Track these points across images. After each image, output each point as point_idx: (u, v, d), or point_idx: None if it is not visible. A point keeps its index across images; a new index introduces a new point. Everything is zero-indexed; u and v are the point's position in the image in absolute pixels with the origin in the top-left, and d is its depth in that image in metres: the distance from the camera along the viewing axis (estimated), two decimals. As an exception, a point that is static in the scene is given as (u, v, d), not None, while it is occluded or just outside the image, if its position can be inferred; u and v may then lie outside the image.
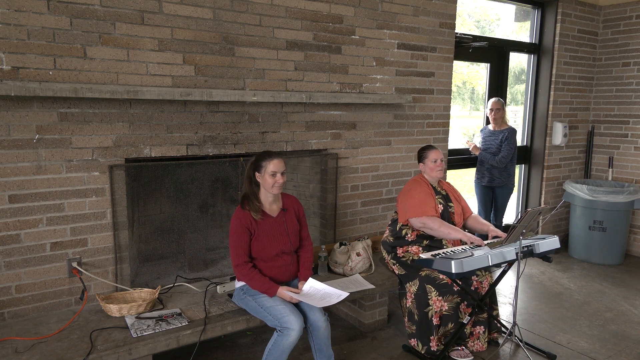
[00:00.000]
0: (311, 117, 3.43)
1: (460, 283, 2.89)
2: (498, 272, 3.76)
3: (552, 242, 2.98)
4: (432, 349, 2.90)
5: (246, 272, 2.54)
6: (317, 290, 2.59)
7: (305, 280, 2.68)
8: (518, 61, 5.34)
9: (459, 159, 4.77)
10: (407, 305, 3.04)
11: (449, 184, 3.45)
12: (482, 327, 3.02)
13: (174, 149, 2.91)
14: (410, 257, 3.13)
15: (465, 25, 4.97)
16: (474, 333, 3.02)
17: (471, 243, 2.96)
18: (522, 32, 5.34)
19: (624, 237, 4.89)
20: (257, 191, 2.65)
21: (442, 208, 3.18)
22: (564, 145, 5.23)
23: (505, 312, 3.64)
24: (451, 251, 2.86)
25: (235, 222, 2.58)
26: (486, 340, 3.04)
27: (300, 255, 2.77)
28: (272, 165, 2.55)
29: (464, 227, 3.32)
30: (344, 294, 2.53)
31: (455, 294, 2.91)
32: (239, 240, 2.56)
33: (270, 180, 2.56)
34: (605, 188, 4.78)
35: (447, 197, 3.29)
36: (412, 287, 3.00)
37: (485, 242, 3.00)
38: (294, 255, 2.73)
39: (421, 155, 3.27)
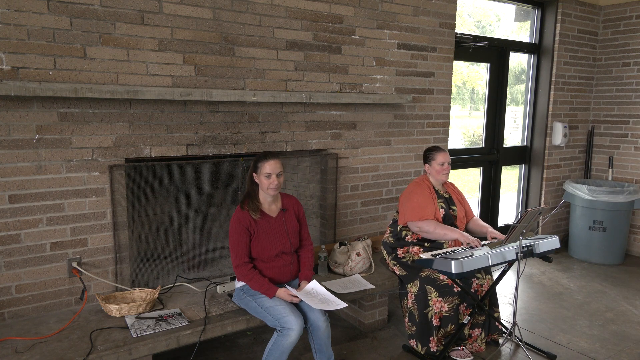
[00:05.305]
0: (311, 117, 3.43)
1: (460, 283, 2.89)
2: (498, 272, 3.76)
3: (552, 242, 2.98)
4: (431, 349, 2.90)
5: (246, 272, 2.54)
6: (317, 293, 2.60)
7: (308, 280, 2.68)
8: (518, 61, 5.34)
9: (459, 159, 4.77)
10: (408, 306, 3.04)
11: (453, 185, 3.41)
12: (480, 329, 3.02)
13: (174, 149, 2.91)
14: (411, 258, 3.12)
15: (465, 25, 4.96)
16: (472, 335, 3.02)
17: (467, 244, 2.95)
18: (522, 32, 5.34)
19: (624, 237, 4.88)
20: (257, 191, 2.65)
21: (444, 212, 3.16)
22: (564, 145, 5.23)
23: (505, 312, 3.63)
24: (451, 251, 2.85)
25: (235, 222, 2.58)
26: (483, 341, 3.04)
27: (301, 255, 2.77)
28: (267, 167, 2.55)
29: (466, 230, 3.30)
30: (342, 304, 2.52)
31: (455, 295, 2.91)
32: (239, 241, 2.56)
33: (265, 181, 2.56)
34: (605, 188, 4.78)
35: (450, 200, 3.27)
36: (412, 288, 3.00)
37: (484, 242, 2.99)
38: (294, 255, 2.73)
39: (427, 156, 3.22)
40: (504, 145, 5.13)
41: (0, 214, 2.46)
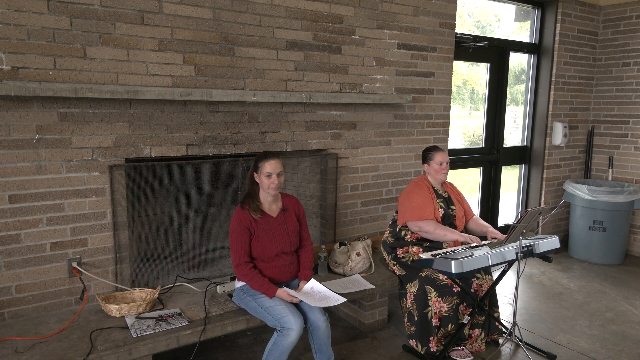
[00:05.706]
0: (311, 117, 3.43)
1: (460, 283, 2.89)
2: (498, 272, 3.77)
3: (552, 242, 2.98)
4: (431, 349, 2.90)
5: (246, 272, 2.54)
6: (316, 291, 2.60)
7: (307, 280, 2.68)
8: (518, 61, 5.34)
9: (459, 159, 4.77)
10: (407, 306, 3.04)
11: (452, 185, 3.42)
12: (480, 329, 3.02)
13: (174, 149, 2.91)
14: (410, 258, 3.12)
15: (465, 25, 4.96)
16: (472, 335, 3.02)
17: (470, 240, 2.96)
18: (522, 32, 5.34)
19: (624, 237, 4.88)
20: (257, 190, 2.65)
21: (443, 212, 3.16)
22: (564, 145, 5.23)
23: (505, 312, 3.63)
24: (451, 251, 2.85)
25: (235, 222, 2.58)
26: (483, 341, 3.04)
27: (301, 255, 2.77)
28: (268, 166, 2.55)
29: (465, 229, 3.31)
30: (341, 300, 2.53)
31: (454, 295, 2.91)
32: (239, 240, 2.56)
33: (266, 181, 2.56)
34: (605, 188, 4.78)
35: (449, 199, 3.27)
36: (411, 288, 3.00)
37: (484, 242, 2.99)
38: (294, 255, 2.73)
39: (426, 156, 3.23)
40: (504, 145, 5.13)
41: (0, 214, 2.46)
